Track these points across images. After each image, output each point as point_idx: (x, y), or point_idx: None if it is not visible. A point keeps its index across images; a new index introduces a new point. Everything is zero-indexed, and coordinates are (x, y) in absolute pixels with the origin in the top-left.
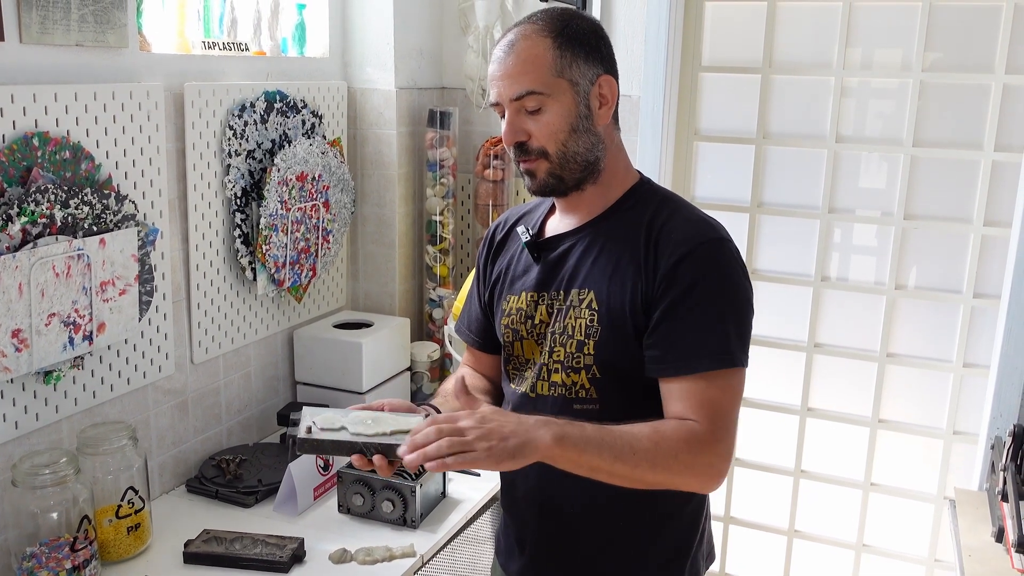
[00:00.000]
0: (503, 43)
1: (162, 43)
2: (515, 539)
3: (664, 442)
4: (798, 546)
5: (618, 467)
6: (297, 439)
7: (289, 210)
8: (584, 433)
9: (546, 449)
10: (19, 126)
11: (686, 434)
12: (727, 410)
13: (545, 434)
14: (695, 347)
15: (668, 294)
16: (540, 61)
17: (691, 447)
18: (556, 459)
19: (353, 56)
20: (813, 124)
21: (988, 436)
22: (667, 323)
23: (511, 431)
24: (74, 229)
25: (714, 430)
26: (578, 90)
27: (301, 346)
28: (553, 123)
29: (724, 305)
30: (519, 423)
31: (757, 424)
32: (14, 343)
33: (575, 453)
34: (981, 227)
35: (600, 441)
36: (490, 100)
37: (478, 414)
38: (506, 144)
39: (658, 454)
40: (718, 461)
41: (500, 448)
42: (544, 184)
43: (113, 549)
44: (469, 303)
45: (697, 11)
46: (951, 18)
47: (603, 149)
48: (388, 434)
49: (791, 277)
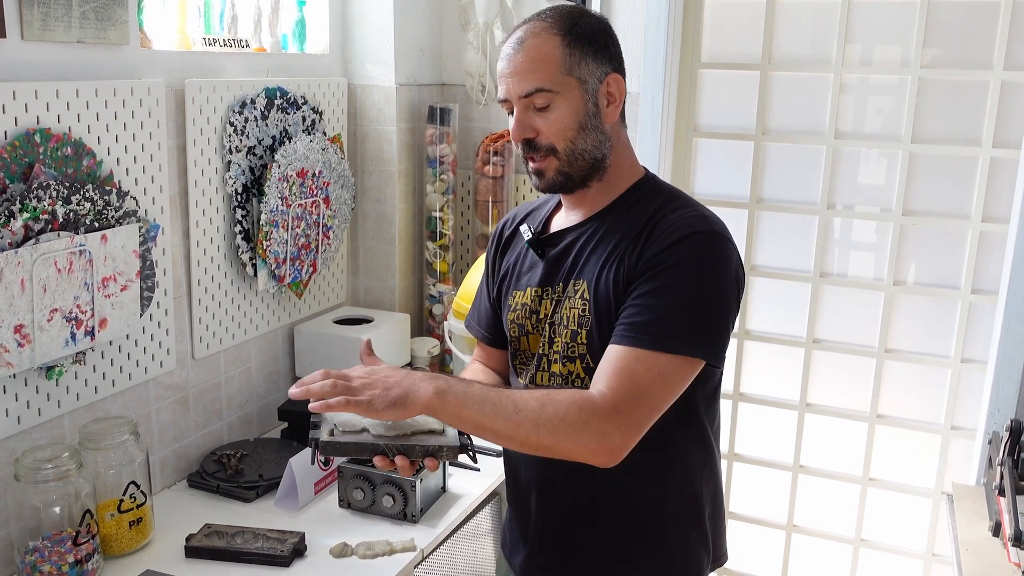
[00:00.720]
0: (512, 40)
1: (163, 40)
2: (518, 531)
3: (552, 404)
4: (797, 541)
5: (500, 424)
6: (320, 442)
7: (290, 206)
8: (468, 390)
9: (427, 400)
10: (21, 123)
11: (580, 398)
12: (643, 387)
13: (427, 387)
14: (648, 323)
15: (645, 274)
16: (549, 58)
17: (583, 411)
18: (437, 411)
19: (353, 52)
20: (812, 120)
21: (985, 431)
22: (633, 298)
23: (395, 382)
24: (76, 225)
25: (616, 401)
26: (586, 88)
27: (302, 342)
28: (562, 120)
29: (695, 294)
30: (405, 376)
31: (756, 419)
32: (16, 338)
33: (456, 407)
34: (979, 223)
35: (483, 398)
36: (499, 96)
37: (369, 368)
38: (514, 140)
39: (543, 414)
40: (614, 432)
41: (382, 396)
42: (552, 182)
43: (115, 543)
44: (479, 299)
45: (696, 7)
46: (949, 15)
47: (610, 147)
48: (408, 435)
49: (790, 273)
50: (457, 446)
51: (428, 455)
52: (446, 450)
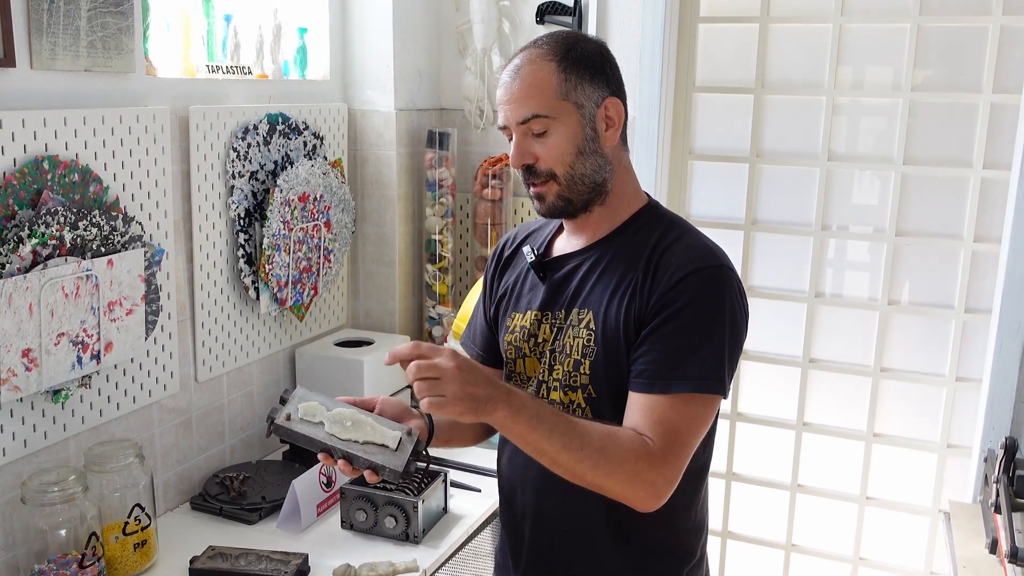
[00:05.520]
0: (509, 68)
1: (167, 67)
2: (511, 555)
3: (614, 447)
4: (795, 560)
5: (563, 456)
6: (273, 424)
7: (291, 230)
8: (541, 412)
9: (501, 416)
10: (30, 150)
11: (639, 447)
12: (683, 435)
13: (503, 404)
14: (672, 367)
15: (659, 314)
16: (545, 85)
17: (640, 460)
18: (506, 428)
19: (353, 78)
20: (806, 142)
21: (981, 449)
22: (651, 341)
23: (477, 383)
24: (83, 250)
25: (666, 452)
26: (583, 112)
27: (303, 364)
28: (559, 145)
29: (710, 331)
30: (488, 382)
31: (754, 439)
32: (24, 362)
33: (526, 429)
34: (972, 243)
35: (553, 425)
36: (498, 123)
37: (462, 357)
38: (514, 167)
39: (603, 456)
40: (661, 482)
41: (459, 392)
42: (553, 207)
43: (120, 566)
44: (475, 317)
45: (691, 32)
46: (939, 38)
47: (611, 171)
48: (360, 443)
49: (785, 293)
50: (400, 471)
51: (371, 469)
52: (388, 471)
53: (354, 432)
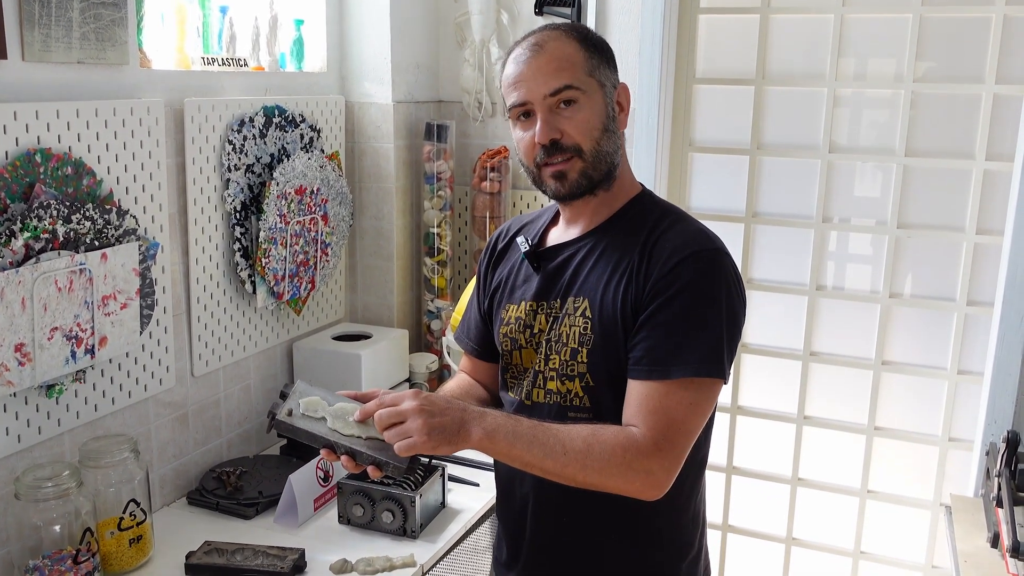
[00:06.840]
0: (527, 46)
1: (162, 59)
2: (510, 548)
3: (598, 445)
4: (796, 554)
5: (548, 464)
6: (275, 419)
7: (288, 223)
8: (517, 429)
9: (478, 439)
10: (22, 143)
11: (625, 438)
12: (680, 422)
13: (478, 427)
14: (671, 353)
15: (655, 300)
16: (574, 59)
17: (628, 451)
18: (487, 450)
19: (350, 70)
20: (807, 134)
21: (983, 442)
22: (648, 327)
23: (446, 411)
24: (76, 244)
25: (657, 440)
26: (606, 91)
27: (300, 358)
28: (588, 120)
29: (708, 315)
30: (460, 410)
31: (754, 432)
32: (17, 357)
33: (506, 447)
34: (974, 235)
35: (532, 438)
36: (515, 102)
37: (425, 394)
38: (540, 142)
39: (590, 456)
40: (658, 470)
41: (437, 424)
42: (576, 184)
43: (115, 561)
44: (469, 311)
45: (691, 24)
46: (941, 29)
47: (620, 156)
48: (364, 439)
49: (786, 286)
50: (403, 467)
51: (374, 465)
52: (392, 467)
53: (357, 427)
